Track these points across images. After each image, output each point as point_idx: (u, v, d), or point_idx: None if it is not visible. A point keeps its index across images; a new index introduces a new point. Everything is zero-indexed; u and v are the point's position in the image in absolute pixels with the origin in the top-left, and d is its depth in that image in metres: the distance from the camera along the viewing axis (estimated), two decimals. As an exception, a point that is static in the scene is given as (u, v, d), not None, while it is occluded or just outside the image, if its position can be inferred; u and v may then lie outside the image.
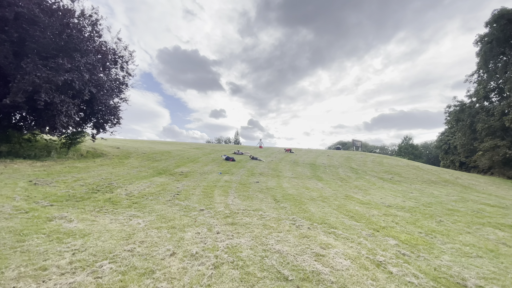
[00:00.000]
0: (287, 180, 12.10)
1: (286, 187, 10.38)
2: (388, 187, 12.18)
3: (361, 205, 8.14)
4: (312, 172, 15.08)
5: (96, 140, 20.51)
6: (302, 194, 9.20)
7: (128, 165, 13.00)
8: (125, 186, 8.47)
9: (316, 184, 11.56)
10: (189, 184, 9.59)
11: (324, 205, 7.75)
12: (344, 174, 15.17)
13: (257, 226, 5.33)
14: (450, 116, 31.12)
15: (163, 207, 6.36)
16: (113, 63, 16.56)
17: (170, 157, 16.83)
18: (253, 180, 11.35)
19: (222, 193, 8.33)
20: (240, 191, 8.87)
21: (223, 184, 9.90)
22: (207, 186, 9.28)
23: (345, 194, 9.69)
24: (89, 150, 16.78)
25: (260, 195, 8.50)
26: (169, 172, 11.87)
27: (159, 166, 13.31)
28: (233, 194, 8.35)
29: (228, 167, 14.81)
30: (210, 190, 8.70)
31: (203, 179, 10.77)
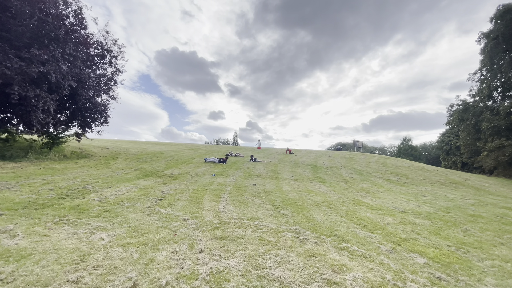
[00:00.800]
0: (287, 183, 11.05)
1: (286, 190, 9.33)
2: (397, 190, 11.17)
3: (372, 211, 7.11)
4: (314, 174, 14.04)
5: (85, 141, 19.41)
6: (304, 198, 8.15)
7: (113, 167, 11.91)
8: (102, 190, 7.38)
9: (319, 187, 10.52)
10: (177, 187, 8.51)
11: (330, 212, 6.70)
12: (348, 176, 14.14)
13: (251, 241, 4.28)
14: (453, 116, 30.23)
15: (139, 216, 5.29)
16: (100, 58, 15.50)
17: (161, 158, 15.74)
18: (250, 183, 10.29)
19: (213, 198, 7.26)
20: (234, 196, 7.80)
21: (215, 188, 8.83)
22: (197, 190, 8.21)
23: (352, 198, 8.65)
24: (75, 151, 15.67)
25: (257, 200, 7.45)
26: (157, 174, 10.79)
27: (148, 168, 12.22)
28: (225, 199, 7.28)
29: (224, 168, 13.74)
30: (200, 194, 7.62)
31: (194, 182, 9.69)
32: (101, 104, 15.53)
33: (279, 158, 20.09)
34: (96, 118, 15.28)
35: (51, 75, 10.13)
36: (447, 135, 48.20)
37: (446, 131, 49.78)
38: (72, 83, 11.50)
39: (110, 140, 30.63)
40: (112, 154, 16.03)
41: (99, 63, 15.64)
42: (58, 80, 10.79)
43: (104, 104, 15.88)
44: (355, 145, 36.09)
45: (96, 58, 15.35)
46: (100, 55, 15.45)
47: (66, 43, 11.55)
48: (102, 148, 18.50)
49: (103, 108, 15.66)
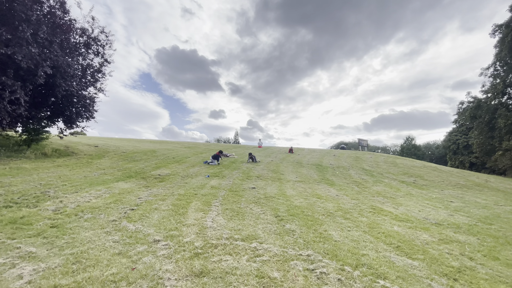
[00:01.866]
0: (291, 185, 9.63)
1: (291, 195, 7.91)
2: (417, 194, 9.73)
3: (399, 223, 5.68)
4: (320, 175, 12.61)
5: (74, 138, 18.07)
6: (313, 205, 6.73)
7: (94, 166, 10.52)
8: (65, 196, 5.99)
9: (328, 191, 9.09)
10: (160, 192, 7.10)
11: (349, 225, 5.28)
12: (358, 177, 12.71)
13: (246, 280, 2.87)
14: (466, 113, 28.65)
15: (94, 236, 3.89)
16: (85, 47, 14.11)
17: (152, 157, 14.35)
18: (249, 186, 8.88)
19: (201, 207, 5.85)
20: (228, 203, 6.39)
21: (207, 192, 7.42)
22: (184, 195, 6.80)
23: (370, 205, 7.23)
24: (59, 149, 14.30)
25: (256, 209, 6.03)
26: (142, 175, 9.39)
27: (134, 168, 10.83)
28: (217, 208, 5.87)
29: (220, 168, 12.33)
30: (186, 201, 6.21)
31: (182, 185, 8.29)
32: (87, 97, 14.17)
33: (281, 157, 18.67)
34: (81, 113, 13.91)
35: (19, 59, 8.74)
36: (454, 134, 46.55)
37: (453, 129, 48.12)
38: (47, 70, 10.10)
39: (104, 137, 29.29)
40: (99, 152, 14.66)
41: (85, 53, 14.27)
42: (30, 66, 9.41)
43: (91, 97, 14.52)
44: (360, 144, 34.57)
45: (81, 47, 13.98)
46: (85, 44, 14.07)
47: (40, 25, 10.15)
48: (91, 145, 17.14)
49: (89, 102, 14.30)
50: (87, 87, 14.73)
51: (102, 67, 14.91)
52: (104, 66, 14.94)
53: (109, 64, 15.10)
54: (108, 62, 15.00)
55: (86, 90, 14.56)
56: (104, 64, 14.92)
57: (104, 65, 14.94)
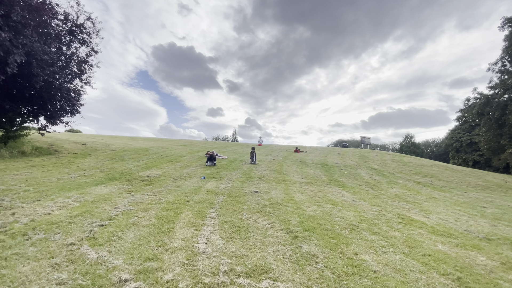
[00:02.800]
0: (298, 188, 8.46)
1: (301, 200, 6.73)
2: (441, 198, 8.61)
3: (441, 239, 4.53)
4: (328, 175, 11.46)
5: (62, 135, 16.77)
6: (330, 215, 5.56)
7: (74, 167, 9.29)
8: (23, 205, 4.77)
9: (342, 195, 7.93)
10: (144, 198, 5.89)
11: (382, 244, 4.12)
12: (370, 178, 11.57)
13: None
14: (473, 110, 27.60)
15: (34, 272, 2.68)
16: (70, 35, 12.80)
17: (144, 156, 13.12)
18: (250, 189, 7.69)
19: (193, 220, 4.65)
20: (227, 213, 5.20)
21: (201, 198, 6.21)
22: (173, 203, 5.60)
23: (396, 213, 6.07)
24: (42, 147, 13.04)
25: (262, 221, 4.85)
26: (128, 177, 8.18)
27: (120, 168, 9.60)
28: (213, 221, 4.67)
29: (217, 168, 11.13)
30: (175, 211, 5.01)
31: (173, 189, 7.09)
32: (71, 90, 12.88)
33: (282, 156, 17.50)
34: (64, 107, 12.62)
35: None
36: (457, 132, 45.64)
37: (456, 127, 47.21)
38: (19, 58, 8.81)
39: (97, 135, 27.94)
40: (85, 151, 13.39)
41: (69, 42, 12.95)
42: (-3, 52, 8.13)
43: (75, 90, 13.23)
44: (362, 141, 33.47)
45: (65, 35, 12.67)
46: (70, 31, 12.76)
47: (12, 6, 8.86)
48: (79, 143, 15.86)
49: (74, 95, 13.02)
50: (73, 79, 13.46)
51: (89, 57, 13.61)
52: (91, 56, 13.64)
53: (96, 54, 13.80)
54: (95, 51, 13.70)
55: (71, 83, 13.30)
56: (90, 54, 13.62)
57: (91, 55, 13.64)
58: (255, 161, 13.63)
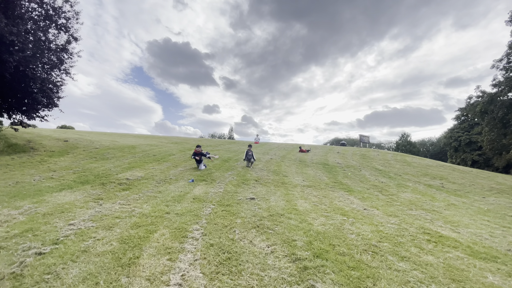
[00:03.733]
0: (299, 192, 7.43)
1: (305, 210, 5.69)
2: (460, 204, 7.65)
3: (487, 265, 3.53)
4: (331, 177, 10.45)
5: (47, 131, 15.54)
6: (342, 230, 4.53)
7: (44, 167, 8.11)
8: None
9: (351, 201, 6.92)
10: (113, 209, 4.77)
11: (419, 277, 3.09)
12: (376, 180, 10.59)
13: None
14: (475, 108, 26.85)
15: None
16: (45, 19, 11.51)
17: (129, 154, 11.95)
18: (246, 195, 6.63)
19: (169, 242, 3.56)
20: (214, 231, 4.12)
21: (185, 209, 5.12)
22: (148, 216, 4.50)
23: (420, 227, 5.06)
24: (17, 144, 11.81)
25: (259, 242, 3.78)
26: (104, 180, 7.04)
27: (98, 169, 8.45)
28: (195, 244, 3.59)
29: (209, 169, 10.04)
30: (147, 230, 3.91)
31: (153, 195, 5.98)
32: (48, 81, 11.61)
33: (280, 155, 16.46)
34: (39, 100, 11.36)
35: None
36: (456, 131, 45.13)
37: (454, 126, 46.71)
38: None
39: (84, 131, 26.52)
40: (65, 148, 12.17)
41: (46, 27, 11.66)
42: None
43: (53, 81, 11.96)
44: (361, 140, 32.59)
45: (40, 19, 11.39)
46: (46, 16, 11.47)
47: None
48: (60, 140, 14.59)
49: (51, 87, 11.76)
50: (52, 69, 12.20)
51: (68, 44, 12.34)
52: (70, 43, 12.37)
53: (76, 41, 12.53)
54: (75, 39, 12.43)
55: (48, 73, 12.04)
56: (70, 42, 12.35)
57: (70, 43, 12.37)
58: (250, 163, 11.41)
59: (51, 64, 12.04)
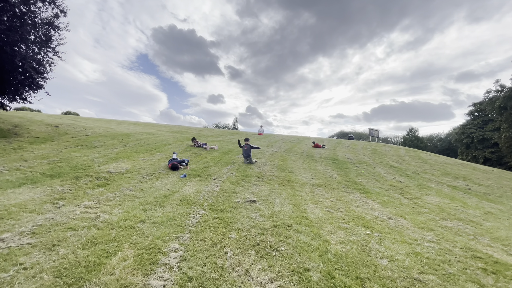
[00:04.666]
0: (309, 193, 6.33)
1: (317, 219, 4.59)
2: (497, 212, 6.48)
3: None
4: (343, 174, 9.31)
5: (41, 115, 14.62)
6: (369, 253, 3.43)
7: (15, 156, 7.11)
8: None
9: (370, 206, 5.80)
10: (73, 215, 3.73)
11: None
12: (393, 179, 9.43)
13: None
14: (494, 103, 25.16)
15: None
16: (28, -11, 10.28)
17: (120, 143, 10.93)
18: (245, 195, 5.55)
19: (127, 276, 2.50)
20: (198, 253, 3.05)
21: (166, 216, 4.06)
22: (114, 227, 3.44)
23: (466, 247, 3.94)
24: (1, 128, 10.88)
25: (259, 276, 2.71)
26: (81, 172, 6.01)
27: (79, 159, 7.43)
28: (165, 276, 2.52)
29: (207, 161, 8.97)
30: (104, 250, 2.85)
31: (133, 194, 4.93)
32: (30, 58, 10.45)
33: (285, 148, 15.31)
34: (19, 79, 10.25)
35: None
36: (469, 127, 43.20)
37: (467, 122, 44.75)
38: None
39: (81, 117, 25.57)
40: (52, 134, 11.20)
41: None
42: None
43: (37, 59, 10.81)
44: (370, 134, 31.13)
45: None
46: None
47: None
48: (51, 125, 13.64)
49: (35, 66, 10.63)
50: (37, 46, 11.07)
51: (56, 19, 11.13)
52: (58, 18, 11.17)
53: (65, 15, 11.32)
54: (63, 12, 11.21)
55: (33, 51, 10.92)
56: (58, 15, 11.15)
57: (58, 17, 11.16)
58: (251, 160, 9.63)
59: (36, 40, 10.91)
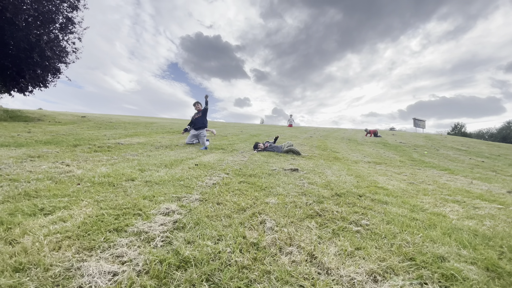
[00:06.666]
0: (369, 169, 4.66)
1: (398, 189, 2.95)
2: None
3: None
4: (402, 155, 7.40)
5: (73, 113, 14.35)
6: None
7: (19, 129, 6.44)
8: None
9: (466, 181, 3.97)
10: (37, 169, 2.57)
11: None
12: (471, 160, 7.27)
13: None
14: None
15: None
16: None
17: (141, 127, 10.11)
18: (283, 165, 4.07)
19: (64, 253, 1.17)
20: (215, 217, 1.64)
21: (169, 176, 2.74)
22: (80, 180, 2.20)
23: None
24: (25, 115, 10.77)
25: (342, 263, 1.22)
26: (83, 143, 5.02)
27: (90, 135, 6.55)
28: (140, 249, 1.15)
29: (232, 139, 7.67)
30: (34, 208, 1.58)
31: (137, 158, 3.73)
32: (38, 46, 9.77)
33: (322, 135, 13.52)
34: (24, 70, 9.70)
35: None
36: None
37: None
38: None
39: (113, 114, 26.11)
40: (74, 121, 10.79)
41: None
42: None
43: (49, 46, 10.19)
44: (416, 125, 27.61)
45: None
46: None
47: None
48: (78, 116, 13.48)
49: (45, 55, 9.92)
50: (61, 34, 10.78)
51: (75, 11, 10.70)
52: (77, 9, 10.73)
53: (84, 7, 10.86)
54: (81, 1, 10.77)
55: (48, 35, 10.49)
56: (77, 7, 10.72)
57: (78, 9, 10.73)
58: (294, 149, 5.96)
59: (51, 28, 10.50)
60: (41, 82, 10.66)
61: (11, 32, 8.70)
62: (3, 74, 9.76)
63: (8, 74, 9.77)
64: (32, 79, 10.23)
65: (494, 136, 67.93)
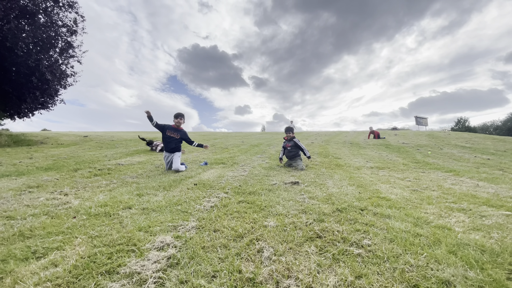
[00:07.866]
0: (371, 175, 4.59)
1: (401, 199, 2.89)
2: None
3: None
4: (406, 157, 7.31)
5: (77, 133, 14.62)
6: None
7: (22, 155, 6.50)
8: None
9: (471, 184, 3.88)
10: (33, 202, 2.57)
11: None
12: (476, 158, 7.15)
13: None
14: None
15: None
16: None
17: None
18: (283, 178, 4.02)
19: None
20: (211, 249, 1.61)
21: (167, 200, 2.71)
22: (77, 213, 2.18)
23: None
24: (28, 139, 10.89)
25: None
26: (83, 166, 5.04)
27: (91, 156, 6.58)
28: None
29: (232, 152, 7.64)
30: (27, 251, 1.56)
31: (136, 181, 3.72)
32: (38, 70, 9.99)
33: (323, 139, 13.46)
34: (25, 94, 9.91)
35: None
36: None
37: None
38: None
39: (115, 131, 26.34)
40: (76, 142, 10.90)
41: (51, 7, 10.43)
42: None
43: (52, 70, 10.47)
44: (418, 122, 27.45)
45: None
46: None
47: None
48: (80, 136, 13.61)
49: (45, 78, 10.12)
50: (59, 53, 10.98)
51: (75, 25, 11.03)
52: (77, 24, 11.06)
53: (83, 20, 11.19)
54: (82, 17, 11.09)
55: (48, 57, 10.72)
56: (77, 22, 11.05)
57: (77, 24, 11.06)
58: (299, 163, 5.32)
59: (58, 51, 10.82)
60: (41, 104, 10.83)
61: (12, 59, 8.90)
62: (5, 99, 9.94)
63: (9, 98, 9.95)
64: (33, 102, 10.40)
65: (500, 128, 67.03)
